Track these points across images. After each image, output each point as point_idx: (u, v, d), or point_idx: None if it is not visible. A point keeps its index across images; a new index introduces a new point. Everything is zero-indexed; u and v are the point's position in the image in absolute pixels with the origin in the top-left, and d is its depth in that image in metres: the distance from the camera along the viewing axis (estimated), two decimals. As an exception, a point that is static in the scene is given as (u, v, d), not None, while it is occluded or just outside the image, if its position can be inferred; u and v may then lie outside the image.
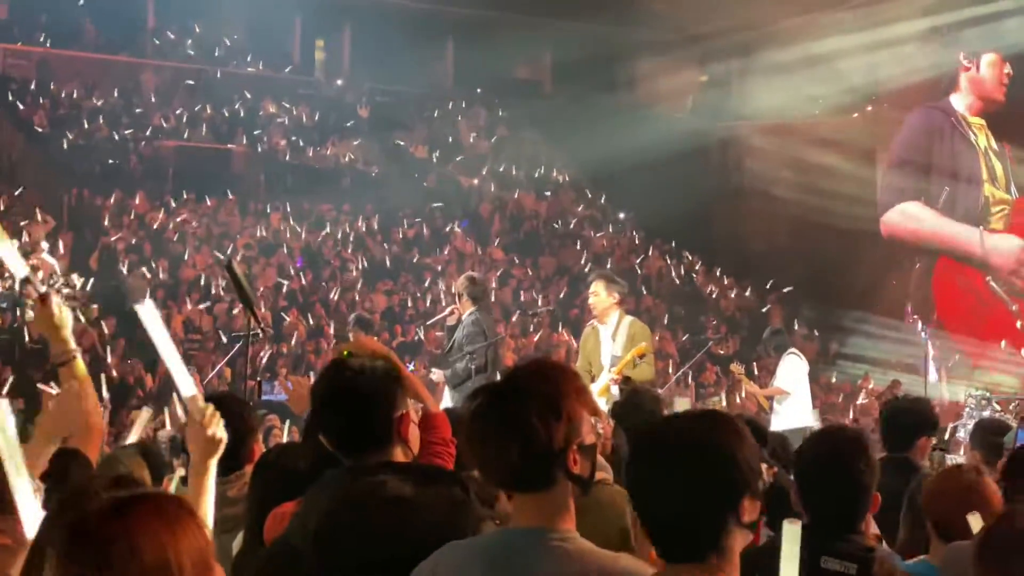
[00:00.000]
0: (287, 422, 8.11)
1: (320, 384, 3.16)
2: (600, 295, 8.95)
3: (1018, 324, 17.65)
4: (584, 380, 7.59)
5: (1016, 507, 3.16)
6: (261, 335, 5.07)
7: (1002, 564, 2.73)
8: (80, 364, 3.69)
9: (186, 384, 3.05)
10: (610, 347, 8.87)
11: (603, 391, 8.54)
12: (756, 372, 15.14)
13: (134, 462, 4.54)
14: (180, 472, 4.52)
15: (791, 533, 2.24)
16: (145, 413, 5.31)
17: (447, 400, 9.22)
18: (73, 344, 3.70)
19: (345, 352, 4.51)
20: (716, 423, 2.29)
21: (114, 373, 12.98)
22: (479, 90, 25.49)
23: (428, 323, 11.69)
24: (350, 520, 2.74)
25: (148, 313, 2.96)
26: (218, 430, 3.11)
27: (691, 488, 2.20)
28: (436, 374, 9.87)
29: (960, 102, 18.47)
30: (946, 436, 11.39)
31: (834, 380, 18.26)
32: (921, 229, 18.60)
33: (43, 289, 3.72)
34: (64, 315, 3.70)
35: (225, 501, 3.77)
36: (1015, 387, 15.58)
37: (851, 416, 16.89)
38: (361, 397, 3.00)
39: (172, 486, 4.49)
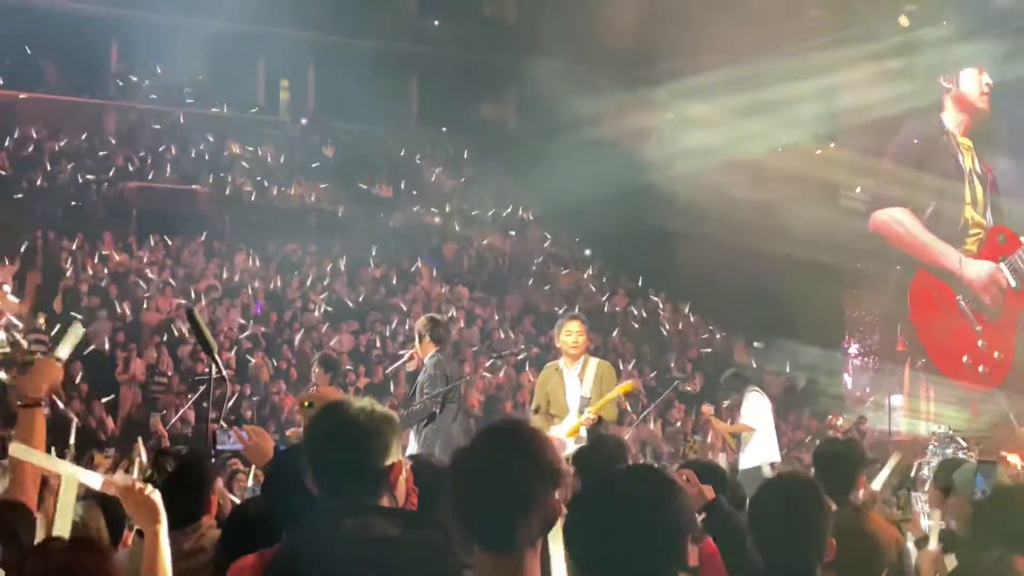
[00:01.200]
0: (251, 467, 8.03)
1: (317, 422, 3.07)
2: (581, 334, 8.78)
3: (979, 343, 17.89)
4: (540, 421, 7.57)
5: None
6: (224, 380, 5.05)
7: None
8: (40, 413, 3.68)
9: (89, 478, 3.04)
10: (577, 388, 8.70)
11: (572, 432, 8.39)
12: (721, 411, 15.19)
13: (92, 513, 4.50)
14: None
15: None
16: (95, 459, 5.27)
17: (412, 446, 9.09)
18: (42, 395, 3.71)
19: (306, 403, 4.50)
20: (650, 478, 2.41)
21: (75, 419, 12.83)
22: (444, 128, 25.57)
23: (387, 370, 11.49)
24: (338, 559, 2.71)
25: (21, 450, 2.99)
26: (151, 495, 3.09)
27: (637, 544, 2.28)
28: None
29: (950, 121, 18.75)
30: (912, 474, 11.45)
31: (803, 417, 18.34)
32: (904, 235, 18.88)
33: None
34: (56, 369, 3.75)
35: (180, 555, 3.71)
36: (961, 421, 15.78)
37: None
38: (357, 440, 2.93)
39: (130, 537, 4.43)
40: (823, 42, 19.29)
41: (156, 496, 3.02)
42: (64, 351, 4.04)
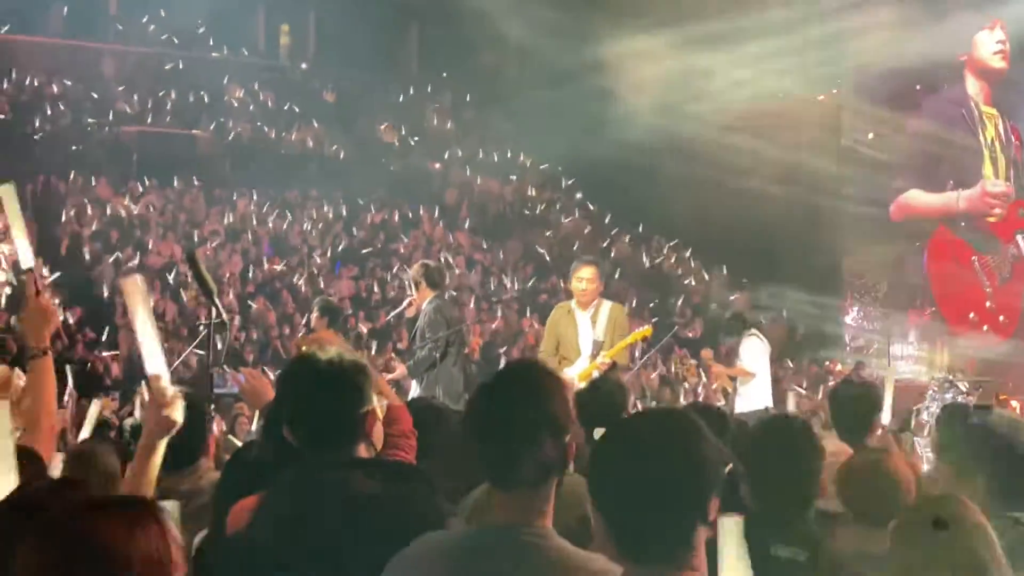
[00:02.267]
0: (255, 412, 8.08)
1: (288, 376, 3.12)
2: (593, 280, 8.74)
3: (987, 304, 17.89)
4: (551, 363, 7.53)
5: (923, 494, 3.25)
6: (225, 324, 5.06)
7: (912, 544, 2.80)
8: (49, 361, 3.70)
9: (154, 363, 3.03)
10: (590, 332, 8.66)
11: (584, 376, 8.32)
12: (723, 355, 15.24)
13: (110, 458, 4.55)
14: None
15: (732, 528, 2.22)
16: (94, 406, 5.29)
17: (415, 390, 9.13)
18: (48, 342, 3.71)
19: (304, 347, 4.51)
20: (680, 425, 2.29)
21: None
22: (444, 74, 25.42)
23: (388, 317, 11.49)
24: (316, 516, 2.74)
25: (133, 287, 2.95)
26: (175, 412, 3.11)
27: (662, 494, 2.19)
28: (397, 370, 9.60)
29: (972, 88, 18.45)
30: (912, 420, 11.50)
31: (803, 363, 18.41)
32: (914, 207, 18.75)
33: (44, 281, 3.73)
34: (53, 310, 3.71)
35: (178, 496, 3.71)
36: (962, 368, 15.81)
37: (820, 398, 17.05)
38: (330, 391, 2.96)
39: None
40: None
41: (179, 415, 3.05)
42: (25, 256, 3.87)
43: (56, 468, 4.16)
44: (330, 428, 2.95)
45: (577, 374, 8.39)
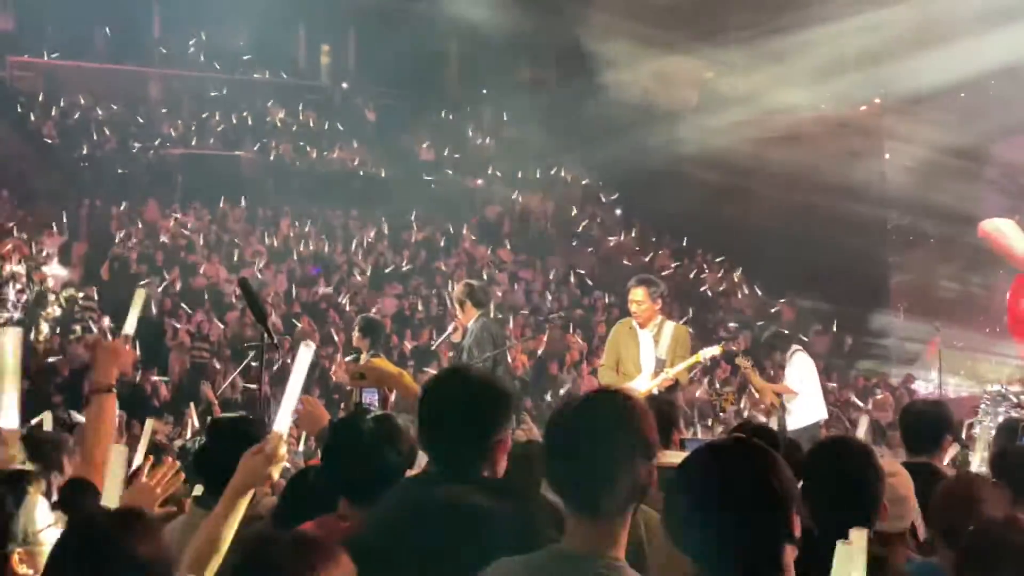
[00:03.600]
0: (303, 434, 8.10)
1: (438, 388, 3.09)
2: (644, 302, 8.66)
3: None
4: (611, 376, 7.45)
5: (991, 518, 3.19)
6: (277, 348, 5.10)
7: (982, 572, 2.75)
8: (113, 398, 3.73)
9: (284, 422, 3.06)
10: (651, 349, 8.66)
11: (647, 393, 8.24)
12: (765, 367, 15.14)
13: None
14: (197, 490, 4.50)
15: (846, 553, 2.30)
16: (148, 426, 5.31)
17: None
18: (114, 379, 3.75)
19: (359, 375, 4.51)
20: (753, 455, 2.31)
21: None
22: (484, 91, 25.50)
23: (434, 346, 11.41)
24: (426, 525, 2.77)
25: (305, 355, 3.00)
26: (276, 470, 3.13)
27: (750, 523, 2.23)
28: None
29: None
30: (962, 434, 11.34)
31: (850, 375, 18.24)
32: (1002, 244, 17.80)
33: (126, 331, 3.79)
34: (126, 349, 3.76)
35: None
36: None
37: (866, 409, 16.91)
38: (473, 414, 2.96)
39: (188, 505, 4.47)
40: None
41: (277, 473, 3.07)
42: (130, 326, 3.94)
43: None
44: (463, 450, 2.95)
45: (639, 391, 8.35)
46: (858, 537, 2.30)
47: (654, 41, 22.17)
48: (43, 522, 2.78)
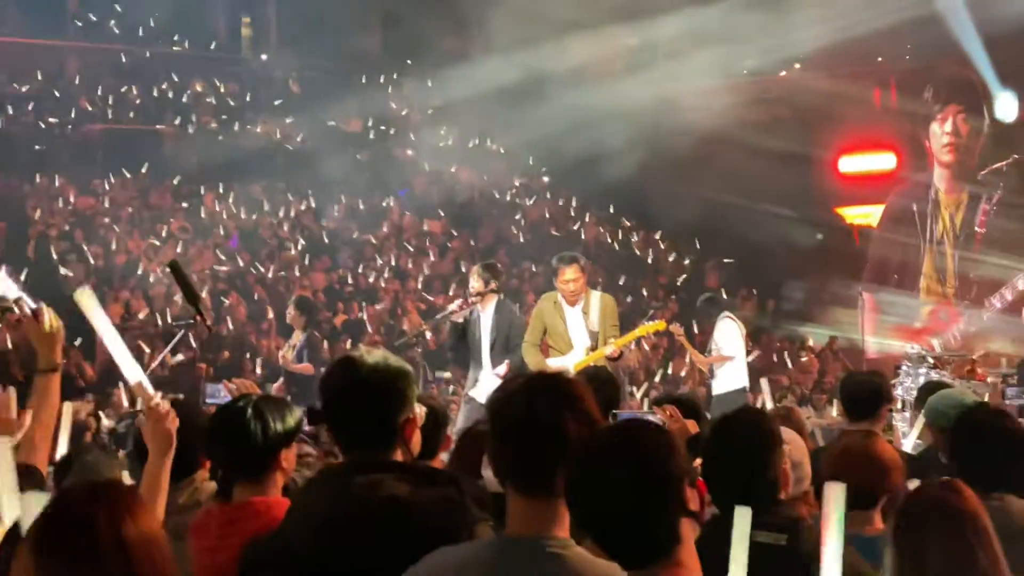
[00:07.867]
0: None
1: (332, 378, 3.06)
2: (578, 279, 8.62)
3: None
4: (534, 352, 7.48)
5: (925, 480, 3.31)
6: (207, 330, 5.03)
7: (916, 535, 2.84)
8: (57, 378, 3.68)
9: (131, 370, 3.01)
10: (581, 323, 8.66)
11: (581, 365, 8.26)
12: (695, 333, 15.32)
13: (114, 465, 4.52)
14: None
15: (743, 516, 2.43)
16: (67, 409, 5.20)
17: (459, 420, 8.87)
18: (60, 358, 3.69)
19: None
20: (647, 435, 2.48)
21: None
22: (409, 61, 25.31)
23: (435, 319, 11.16)
24: (347, 517, 2.75)
25: (87, 299, 2.92)
26: (173, 425, 3.11)
27: (642, 498, 2.38)
28: (502, 368, 8.89)
29: (937, 178, 18.13)
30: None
31: (774, 338, 18.53)
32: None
33: (33, 305, 3.67)
34: (58, 327, 3.68)
35: (176, 509, 3.67)
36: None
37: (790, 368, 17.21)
38: (373, 395, 2.94)
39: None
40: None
41: (175, 425, 3.05)
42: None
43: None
44: (372, 434, 2.94)
45: (572, 364, 8.37)
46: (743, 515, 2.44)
47: (578, 16, 22.18)
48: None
